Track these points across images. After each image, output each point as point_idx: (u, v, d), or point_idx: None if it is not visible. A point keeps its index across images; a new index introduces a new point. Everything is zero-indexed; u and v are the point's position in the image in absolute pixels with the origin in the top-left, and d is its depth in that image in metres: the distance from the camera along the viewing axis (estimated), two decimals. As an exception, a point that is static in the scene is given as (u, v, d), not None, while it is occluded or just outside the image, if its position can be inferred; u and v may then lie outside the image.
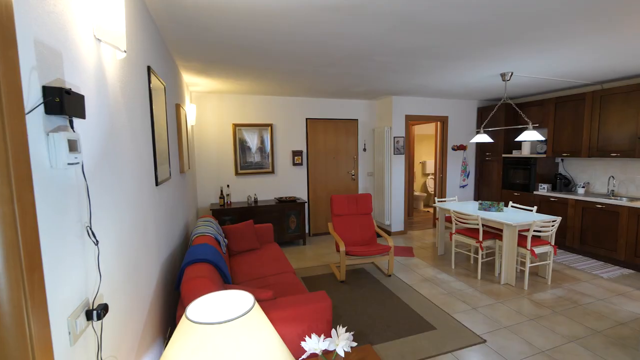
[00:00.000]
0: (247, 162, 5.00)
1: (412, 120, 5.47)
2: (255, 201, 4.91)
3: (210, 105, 4.78)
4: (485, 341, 2.50)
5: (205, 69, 3.37)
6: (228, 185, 4.79)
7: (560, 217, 3.74)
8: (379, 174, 5.56)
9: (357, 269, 3.99)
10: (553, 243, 3.51)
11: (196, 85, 4.19)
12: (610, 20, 2.20)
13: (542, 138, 3.67)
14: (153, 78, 1.97)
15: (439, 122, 5.78)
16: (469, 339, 2.52)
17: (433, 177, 7.51)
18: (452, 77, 3.93)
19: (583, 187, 4.59)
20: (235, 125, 4.89)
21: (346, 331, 2.10)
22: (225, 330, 0.77)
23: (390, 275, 3.76)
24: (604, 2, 1.92)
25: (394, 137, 5.27)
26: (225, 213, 4.49)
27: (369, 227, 4.03)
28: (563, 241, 4.58)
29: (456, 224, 3.89)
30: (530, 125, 3.62)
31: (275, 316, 1.85)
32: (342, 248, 3.47)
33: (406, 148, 5.46)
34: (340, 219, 4.01)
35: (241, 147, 4.96)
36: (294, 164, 5.26)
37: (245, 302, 1.29)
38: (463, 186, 5.96)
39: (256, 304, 1.25)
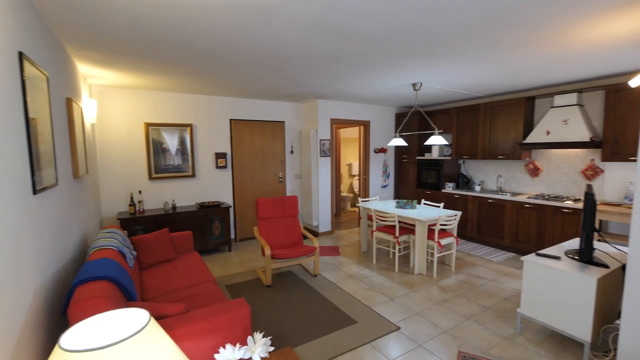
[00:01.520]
0: (165, 165, 4.59)
1: (337, 123, 5.69)
2: (174, 207, 4.53)
3: (117, 101, 4.26)
4: (399, 328, 2.71)
5: (107, 60, 2.99)
6: (140, 191, 4.32)
7: (461, 212, 4.27)
8: (306, 176, 5.65)
9: (284, 272, 3.97)
10: (455, 234, 4.00)
11: (97, 78, 3.69)
12: (488, 45, 2.59)
13: (446, 142, 4.15)
14: (28, 66, 1.66)
15: (362, 126, 6.13)
16: (386, 328, 2.70)
17: (358, 178, 7.93)
18: (372, 84, 4.20)
19: (479, 185, 5.33)
20: (148, 125, 4.44)
21: (264, 336, 2.05)
22: (109, 355, 0.68)
23: (316, 275, 3.83)
24: (482, 29, 2.26)
25: (320, 140, 5.41)
26: (137, 222, 4.04)
27: (296, 229, 4.05)
28: (465, 232, 5.25)
29: (377, 222, 4.15)
30: (437, 131, 4.07)
31: (187, 330, 1.71)
32: (268, 252, 3.41)
33: (332, 150, 5.65)
34: (266, 222, 3.94)
35: (156, 148, 4.53)
36: (218, 167, 5.01)
37: (139, 321, 1.16)
38: (384, 186, 6.42)
39: (152, 321, 1.13)
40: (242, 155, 5.24)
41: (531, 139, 4.40)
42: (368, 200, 5.10)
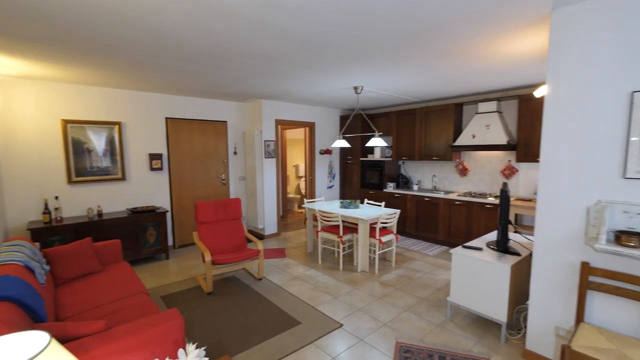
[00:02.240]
0: (90, 168, 4.11)
1: (282, 124, 5.64)
2: (100, 214, 4.08)
3: (25, 94, 3.70)
4: (342, 325, 2.76)
5: (9, 45, 2.58)
6: (57, 197, 3.82)
7: (400, 210, 4.52)
8: (251, 177, 5.51)
9: (227, 278, 3.81)
10: (395, 232, 4.22)
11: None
12: (419, 54, 2.78)
13: (385, 144, 4.36)
14: None
15: (307, 128, 6.17)
16: (329, 326, 2.73)
17: (304, 179, 7.96)
18: (316, 86, 4.24)
19: (417, 184, 5.70)
20: (67, 122, 3.94)
21: (199, 347, 1.94)
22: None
23: (261, 279, 3.74)
24: (414, 40, 2.42)
25: (265, 141, 5.32)
26: (53, 232, 3.55)
27: (239, 232, 3.91)
28: (404, 229, 5.57)
29: (321, 222, 4.20)
30: (377, 133, 4.26)
31: (108, 350, 1.54)
32: (208, 257, 3.24)
33: (278, 151, 5.59)
34: (206, 226, 3.74)
35: (78, 149, 4.03)
36: (153, 169, 4.63)
37: (37, 345, 1.01)
38: (330, 187, 6.53)
39: (52, 344, 1.00)
40: (180, 157, 4.93)
41: (460, 141, 4.83)
42: (314, 201, 5.14)
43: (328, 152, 6.35)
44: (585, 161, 1.94)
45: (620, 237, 1.72)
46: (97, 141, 4.17)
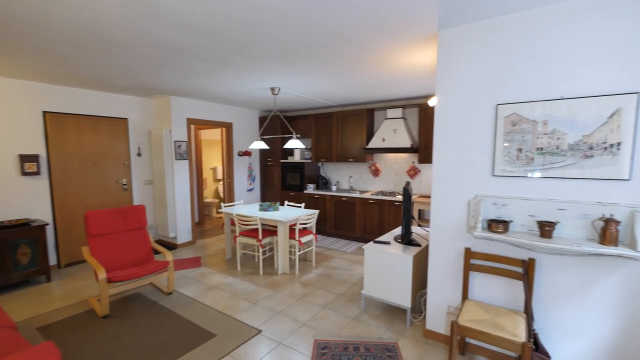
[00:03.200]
0: None
1: (195, 124, 5.26)
2: (-56, 232, 3.17)
3: None
4: (261, 331, 2.68)
5: None
6: None
7: (319, 210, 4.65)
8: (159, 182, 4.98)
9: (129, 296, 3.35)
10: (314, 232, 4.31)
11: None
12: (330, 59, 2.90)
13: (303, 146, 4.42)
14: None
15: (224, 128, 5.87)
16: (247, 334, 2.63)
17: (223, 182, 7.58)
18: (232, 85, 4.06)
19: (335, 185, 5.94)
20: None
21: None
22: None
23: (171, 293, 3.39)
24: (325, 45, 2.50)
25: (176, 141, 4.88)
26: None
27: (143, 243, 3.48)
28: (324, 228, 5.75)
29: (239, 226, 4.03)
30: (294, 135, 4.29)
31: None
32: (102, 275, 2.80)
33: (191, 153, 5.18)
34: (100, 239, 3.23)
35: None
36: (25, 174, 3.79)
37: None
38: (250, 190, 6.35)
39: None
40: (66, 159, 4.16)
41: (372, 144, 5.20)
42: (232, 205, 4.92)
43: (247, 154, 6.16)
44: (466, 162, 2.27)
45: (491, 224, 2.06)
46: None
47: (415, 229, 3.50)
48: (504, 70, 2.07)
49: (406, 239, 2.94)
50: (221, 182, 7.81)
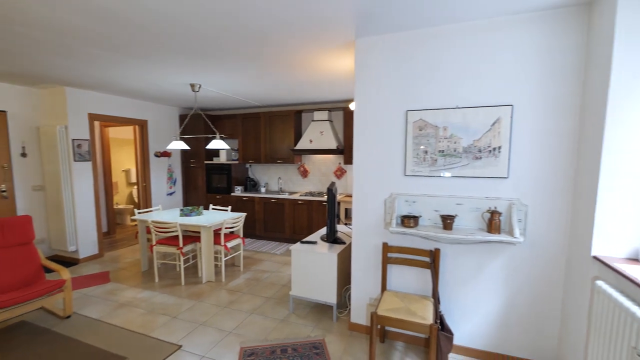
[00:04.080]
0: None
1: (100, 120, 4.62)
2: None
3: None
4: (181, 346, 2.48)
5: None
6: None
7: (247, 213, 4.51)
8: (54, 187, 4.24)
9: (12, 326, 2.77)
10: (242, 235, 4.16)
11: None
12: (251, 58, 2.84)
13: (227, 147, 4.24)
14: None
15: (137, 126, 5.29)
16: (165, 352, 2.40)
17: (137, 186, 6.83)
18: (144, 78, 3.66)
19: (264, 186, 5.84)
20: None
21: None
22: None
23: (69, 317, 2.91)
24: (245, 43, 2.44)
25: (74, 140, 4.21)
26: None
27: (30, 261, 2.92)
28: (254, 231, 5.60)
29: (156, 234, 3.67)
30: (218, 135, 4.09)
31: None
32: (-32, 305, 2.26)
33: (95, 153, 4.53)
34: (-34, 260, 2.61)
35: None
36: None
37: None
38: (170, 193, 5.84)
39: None
40: None
41: (300, 146, 5.26)
42: (149, 211, 4.46)
43: (166, 154, 5.65)
44: (382, 163, 2.44)
45: (404, 220, 2.25)
46: None
47: (340, 227, 3.64)
48: (412, 79, 2.29)
49: (331, 238, 3.04)
50: (136, 186, 7.03)
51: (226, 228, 3.78)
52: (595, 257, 1.69)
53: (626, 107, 1.60)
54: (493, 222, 2.05)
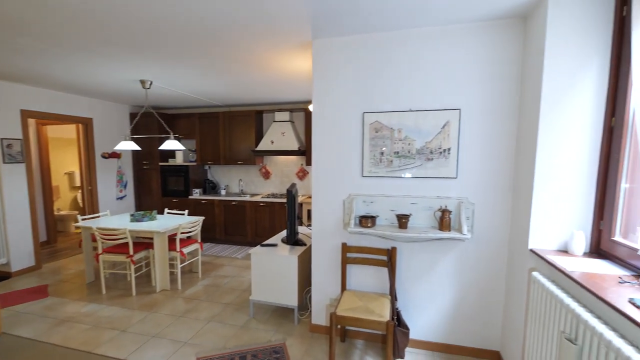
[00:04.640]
0: None
1: (36, 117, 4.18)
2: None
3: None
4: (130, 363, 2.31)
5: None
6: None
7: (205, 217, 4.34)
8: (-20, 192, 3.76)
9: None
10: (200, 240, 3.99)
11: None
12: (205, 54, 2.73)
13: (182, 147, 4.04)
14: None
15: (81, 125, 4.86)
16: (111, 371, 2.22)
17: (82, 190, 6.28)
18: (87, 73, 3.37)
19: (224, 189, 5.65)
20: None
21: None
22: None
23: (-4, 339, 2.59)
24: (197, 38, 2.34)
25: (3, 140, 3.76)
26: None
27: (-54, 277, 2.55)
28: (214, 235, 5.40)
29: (102, 242, 3.39)
30: (172, 135, 3.88)
31: None
32: None
33: (30, 154, 4.09)
34: None
35: None
36: None
37: None
38: (121, 198, 5.44)
39: None
40: None
41: (261, 147, 5.16)
42: (97, 216, 4.11)
43: (115, 155, 5.25)
44: (341, 164, 2.47)
45: (362, 220, 2.29)
46: None
47: (302, 229, 3.63)
48: (368, 82, 2.34)
49: (292, 240, 3.01)
50: (80, 190, 6.45)
51: (182, 233, 3.60)
52: (531, 250, 1.85)
53: (555, 115, 1.76)
54: (444, 220, 2.15)
